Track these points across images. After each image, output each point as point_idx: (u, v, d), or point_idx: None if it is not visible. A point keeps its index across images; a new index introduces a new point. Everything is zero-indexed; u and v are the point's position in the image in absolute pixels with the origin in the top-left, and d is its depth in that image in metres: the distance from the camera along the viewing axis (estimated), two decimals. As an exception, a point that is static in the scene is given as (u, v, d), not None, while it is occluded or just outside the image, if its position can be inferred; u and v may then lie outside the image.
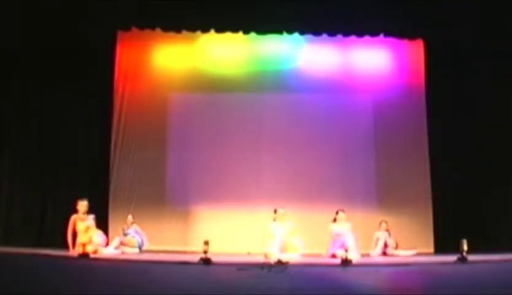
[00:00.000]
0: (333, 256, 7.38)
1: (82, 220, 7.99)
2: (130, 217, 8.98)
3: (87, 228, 7.91)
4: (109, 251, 8.02)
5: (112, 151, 9.85)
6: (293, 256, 7.54)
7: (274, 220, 8.17)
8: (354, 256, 7.24)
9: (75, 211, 8.09)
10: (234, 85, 10.18)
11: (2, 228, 9.26)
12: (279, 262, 6.15)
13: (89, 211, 8.19)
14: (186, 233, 9.67)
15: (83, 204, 8.06)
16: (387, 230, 8.88)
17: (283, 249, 7.75)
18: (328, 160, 9.93)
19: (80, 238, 7.80)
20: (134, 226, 8.89)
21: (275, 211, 8.22)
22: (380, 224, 8.93)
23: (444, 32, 9.23)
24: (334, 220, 8.24)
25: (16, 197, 9.47)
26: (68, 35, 9.17)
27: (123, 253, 8.23)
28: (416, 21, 9.13)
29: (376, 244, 8.68)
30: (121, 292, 3.75)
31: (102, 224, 8.73)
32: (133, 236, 8.76)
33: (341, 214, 8.23)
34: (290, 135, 10.01)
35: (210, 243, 6.42)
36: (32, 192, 9.53)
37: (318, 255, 8.11)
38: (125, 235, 8.78)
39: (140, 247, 8.74)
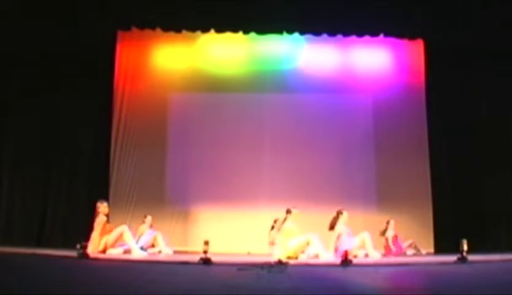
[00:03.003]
0: (346, 254, 6.93)
1: (108, 222, 8.06)
2: (149, 217, 8.92)
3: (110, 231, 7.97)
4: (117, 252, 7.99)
5: (112, 151, 9.87)
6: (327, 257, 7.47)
7: (286, 220, 7.77)
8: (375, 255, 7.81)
9: (94, 213, 7.96)
10: (234, 85, 10.19)
11: (2, 228, 9.28)
12: (279, 262, 6.14)
13: (89, 211, 8.18)
14: (186, 233, 9.68)
15: (107, 206, 8.08)
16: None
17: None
18: (328, 160, 9.94)
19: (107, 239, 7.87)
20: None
21: (289, 211, 7.81)
22: (389, 223, 8.92)
23: (444, 32, 9.24)
24: (336, 219, 8.13)
25: (16, 197, 9.49)
26: (68, 36, 9.18)
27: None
28: (416, 21, 9.13)
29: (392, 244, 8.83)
30: (121, 292, 3.74)
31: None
32: (150, 235, 8.74)
33: (345, 213, 8.15)
34: (290, 135, 10.03)
35: (210, 243, 6.41)
36: (32, 192, 9.55)
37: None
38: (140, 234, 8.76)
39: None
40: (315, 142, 10.03)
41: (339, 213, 8.11)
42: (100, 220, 7.89)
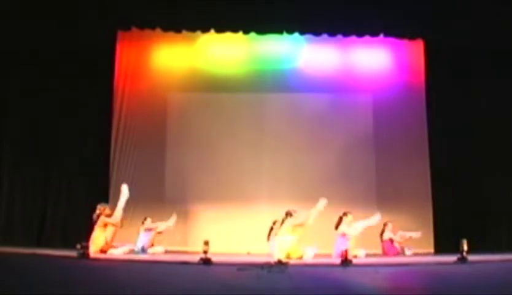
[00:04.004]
0: (346, 253, 6.57)
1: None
2: (149, 220, 8.90)
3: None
4: (118, 252, 7.99)
5: (112, 151, 9.87)
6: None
7: (283, 222, 7.65)
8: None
9: (94, 215, 7.95)
10: (234, 85, 10.19)
11: (2, 228, 9.28)
12: (279, 262, 6.14)
13: (89, 211, 8.16)
14: (186, 233, 9.68)
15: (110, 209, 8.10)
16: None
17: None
18: (328, 160, 9.95)
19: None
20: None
21: (290, 214, 7.66)
22: (386, 225, 8.92)
23: (444, 32, 9.24)
24: (341, 220, 8.11)
25: (16, 197, 9.49)
26: (68, 35, 9.18)
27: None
28: (416, 21, 9.13)
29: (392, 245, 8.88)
30: (121, 292, 3.74)
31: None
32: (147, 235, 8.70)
33: (350, 216, 8.15)
34: (289, 135, 10.03)
35: (210, 243, 6.41)
36: (32, 192, 9.55)
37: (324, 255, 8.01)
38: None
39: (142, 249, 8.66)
40: (315, 142, 10.03)
41: (343, 215, 8.11)
42: (101, 221, 7.89)
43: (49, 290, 3.69)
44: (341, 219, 8.12)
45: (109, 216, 8.03)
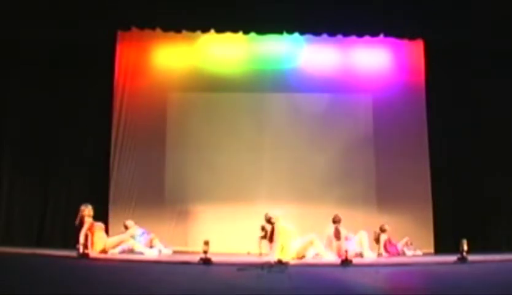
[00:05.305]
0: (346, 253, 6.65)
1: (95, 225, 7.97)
2: (131, 222, 8.81)
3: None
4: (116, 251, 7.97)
5: (112, 151, 9.86)
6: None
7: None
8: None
9: (78, 216, 7.89)
10: (234, 85, 10.18)
11: (2, 228, 9.27)
12: (279, 262, 6.15)
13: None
14: (186, 233, 9.68)
15: (91, 209, 8.03)
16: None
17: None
18: (327, 160, 9.94)
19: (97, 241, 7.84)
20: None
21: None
22: (382, 228, 8.89)
23: (444, 32, 9.24)
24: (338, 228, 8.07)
25: (16, 197, 9.48)
26: (68, 35, 9.18)
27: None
28: (416, 21, 9.13)
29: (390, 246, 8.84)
30: (122, 292, 3.74)
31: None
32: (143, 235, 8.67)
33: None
34: (289, 135, 10.03)
35: (210, 243, 6.41)
36: (32, 192, 9.53)
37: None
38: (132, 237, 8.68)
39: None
40: (314, 141, 10.03)
41: (337, 222, 8.04)
42: (87, 222, 7.80)
43: (49, 290, 3.69)
44: (339, 220, 8.05)
45: (90, 216, 7.90)
